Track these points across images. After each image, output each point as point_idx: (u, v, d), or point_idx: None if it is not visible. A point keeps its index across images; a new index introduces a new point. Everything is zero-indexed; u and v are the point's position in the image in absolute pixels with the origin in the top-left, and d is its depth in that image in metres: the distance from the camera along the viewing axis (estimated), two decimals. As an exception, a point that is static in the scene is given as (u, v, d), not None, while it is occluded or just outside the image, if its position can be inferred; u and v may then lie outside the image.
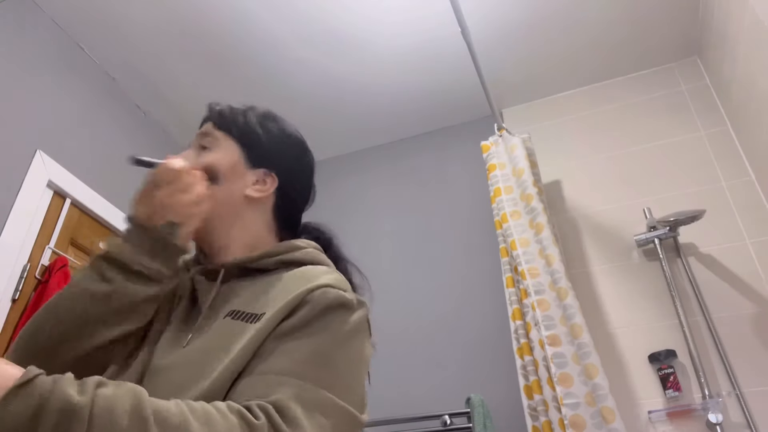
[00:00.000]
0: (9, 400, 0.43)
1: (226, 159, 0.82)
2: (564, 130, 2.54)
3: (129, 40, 2.27)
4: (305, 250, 0.79)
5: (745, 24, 1.88)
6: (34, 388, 0.44)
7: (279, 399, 0.56)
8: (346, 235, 3.03)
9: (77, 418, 0.44)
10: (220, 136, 0.84)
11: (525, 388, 1.83)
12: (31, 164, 1.88)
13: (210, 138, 0.84)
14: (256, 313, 0.67)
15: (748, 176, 2.15)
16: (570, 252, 2.23)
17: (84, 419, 0.44)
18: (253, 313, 0.68)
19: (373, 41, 2.34)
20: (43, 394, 0.44)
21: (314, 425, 0.57)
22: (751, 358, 1.84)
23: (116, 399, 0.47)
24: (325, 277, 0.70)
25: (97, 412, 0.45)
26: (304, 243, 0.81)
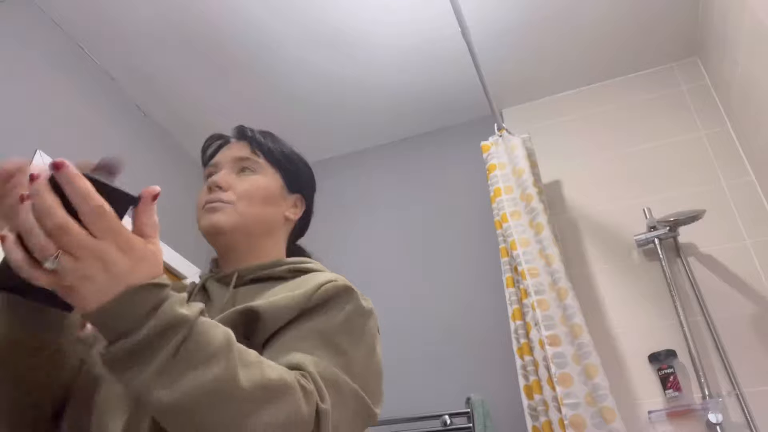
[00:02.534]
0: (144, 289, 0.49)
1: (274, 184, 0.92)
2: (564, 130, 2.54)
3: (129, 40, 2.26)
4: (312, 263, 0.87)
5: (745, 24, 1.88)
6: (162, 292, 0.50)
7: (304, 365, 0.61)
8: (347, 234, 3.05)
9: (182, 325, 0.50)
10: (261, 162, 0.92)
11: (525, 388, 1.83)
12: (31, 164, 1.88)
13: (252, 162, 0.91)
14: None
15: (748, 176, 2.15)
16: (570, 252, 2.23)
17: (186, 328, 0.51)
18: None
19: (373, 41, 2.33)
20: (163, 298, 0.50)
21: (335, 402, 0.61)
22: (751, 358, 1.84)
23: (213, 326, 0.54)
24: (331, 275, 0.77)
25: (197, 327, 0.52)
26: (308, 259, 0.90)
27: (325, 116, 2.71)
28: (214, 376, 0.50)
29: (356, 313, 0.74)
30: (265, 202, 0.89)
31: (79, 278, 0.47)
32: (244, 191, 0.87)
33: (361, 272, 2.53)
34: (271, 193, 0.90)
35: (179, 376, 0.49)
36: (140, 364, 0.49)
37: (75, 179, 0.46)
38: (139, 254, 0.50)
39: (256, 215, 0.86)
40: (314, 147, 2.90)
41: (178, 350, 0.50)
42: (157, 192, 0.53)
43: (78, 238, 0.46)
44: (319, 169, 1.05)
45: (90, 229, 0.47)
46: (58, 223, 0.45)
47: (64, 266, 0.46)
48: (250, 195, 0.87)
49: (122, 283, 0.48)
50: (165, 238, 2.37)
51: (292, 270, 0.83)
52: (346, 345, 0.69)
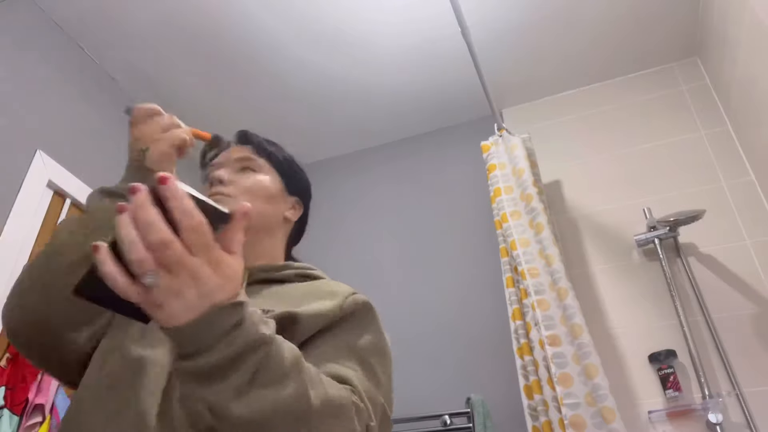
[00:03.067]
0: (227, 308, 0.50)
1: (275, 183, 0.94)
2: (564, 130, 2.54)
3: (129, 40, 2.26)
4: (317, 270, 0.91)
5: (745, 24, 1.88)
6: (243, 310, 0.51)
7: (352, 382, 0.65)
8: (347, 234, 3.05)
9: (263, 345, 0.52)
10: (263, 163, 0.95)
11: (525, 388, 1.83)
12: (31, 164, 1.88)
13: (253, 162, 0.94)
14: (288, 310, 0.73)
15: (748, 176, 2.14)
16: (570, 252, 2.23)
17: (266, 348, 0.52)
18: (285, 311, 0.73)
19: (373, 41, 2.33)
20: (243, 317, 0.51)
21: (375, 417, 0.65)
22: (751, 358, 1.84)
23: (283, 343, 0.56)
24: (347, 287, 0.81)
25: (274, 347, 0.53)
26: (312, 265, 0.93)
27: (325, 116, 2.71)
28: (289, 395, 0.52)
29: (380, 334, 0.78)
30: (267, 199, 0.91)
31: (171, 295, 0.46)
32: (247, 187, 0.89)
33: (361, 272, 2.54)
34: (272, 192, 0.92)
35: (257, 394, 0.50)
36: (219, 380, 0.49)
37: (179, 195, 0.46)
38: (226, 272, 0.50)
39: (257, 211, 0.87)
40: (314, 147, 2.90)
41: (258, 369, 0.51)
42: (248, 209, 0.52)
43: (178, 254, 0.46)
44: (319, 170, 1.07)
45: (188, 245, 0.46)
46: (162, 238, 0.45)
47: (161, 282, 0.46)
48: (253, 191, 0.89)
49: (208, 300, 0.48)
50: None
51: (299, 275, 0.85)
52: (374, 363, 0.72)
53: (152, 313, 0.48)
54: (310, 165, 2.96)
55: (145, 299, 0.47)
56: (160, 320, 0.48)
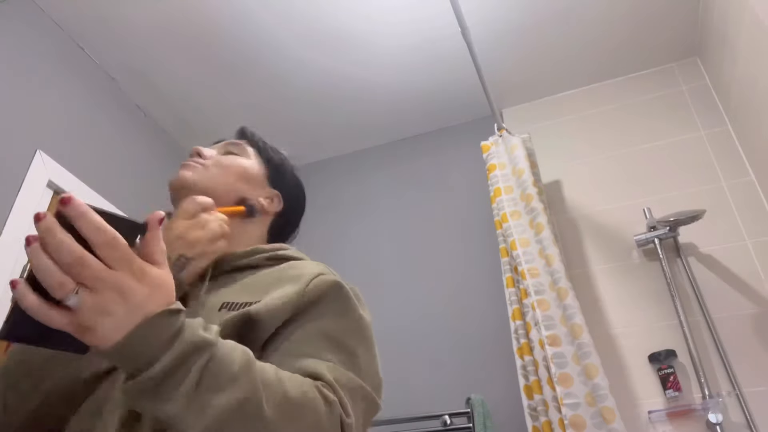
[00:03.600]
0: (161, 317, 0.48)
1: (255, 167, 0.93)
2: (564, 130, 2.54)
3: (129, 40, 2.26)
4: (290, 250, 0.87)
5: (745, 24, 1.88)
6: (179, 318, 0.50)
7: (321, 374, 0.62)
8: (346, 234, 3.04)
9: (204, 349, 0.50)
10: (249, 150, 0.96)
11: (525, 388, 1.83)
12: (31, 164, 1.88)
13: (239, 147, 0.95)
14: (251, 302, 0.70)
15: (748, 176, 2.14)
16: (570, 252, 2.23)
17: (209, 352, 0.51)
18: (248, 302, 0.70)
19: (373, 41, 2.33)
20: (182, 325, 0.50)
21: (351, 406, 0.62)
22: (751, 358, 1.84)
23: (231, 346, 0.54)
24: (316, 267, 0.77)
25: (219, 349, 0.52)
26: (287, 245, 0.91)
27: (325, 116, 2.71)
28: (238, 398, 0.51)
29: (357, 312, 0.75)
30: (239, 177, 0.90)
31: (99, 313, 0.45)
32: (221, 160, 0.90)
33: (361, 272, 2.54)
34: (247, 173, 0.91)
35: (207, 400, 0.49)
36: (167, 392, 0.48)
37: (86, 213, 0.45)
38: (154, 281, 0.49)
39: (226, 184, 0.87)
40: (314, 147, 2.90)
41: (203, 374, 0.50)
42: (162, 217, 0.51)
43: (96, 270, 0.45)
44: (319, 170, 1.07)
45: (105, 261, 0.46)
46: (76, 257, 0.44)
47: (84, 301, 0.45)
48: (226, 165, 0.89)
49: (140, 313, 0.47)
50: (165, 238, 2.37)
51: (269, 258, 0.82)
52: (353, 345, 0.70)
53: (85, 338, 0.46)
54: (310, 165, 2.96)
55: (74, 325, 0.45)
56: (95, 343, 0.47)
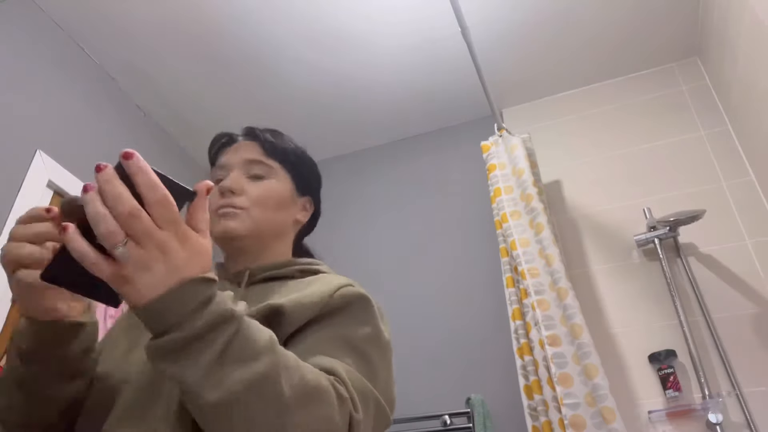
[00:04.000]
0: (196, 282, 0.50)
1: (286, 188, 0.92)
2: (564, 130, 2.54)
3: (129, 40, 2.26)
4: (321, 266, 0.89)
5: (745, 24, 1.88)
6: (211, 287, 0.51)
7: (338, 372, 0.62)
8: (346, 235, 3.04)
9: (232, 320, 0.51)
10: (273, 165, 0.91)
11: (525, 388, 1.83)
12: (31, 164, 1.88)
13: (263, 166, 0.90)
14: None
15: (748, 176, 2.14)
16: (570, 252, 2.23)
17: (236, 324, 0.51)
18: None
19: (373, 41, 2.33)
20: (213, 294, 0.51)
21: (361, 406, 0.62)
22: (751, 358, 1.84)
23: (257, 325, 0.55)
24: (346, 279, 0.79)
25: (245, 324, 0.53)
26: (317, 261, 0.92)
27: (325, 116, 2.71)
28: (259, 373, 0.51)
29: (380, 327, 0.76)
30: (278, 207, 0.89)
31: (140, 268, 0.47)
32: (258, 197, 0.86)
33: (361, 272, 2.53)
34: (283, 199, 0.90)
35: (227, 371, 0.49)
36: (190, 356, 0.49)
37: (145, 169, 0.47)
38: (194, 247, 0.50)
39: (268, 220, 0.87)
40: (314, 147, 2.88)
41: (228, 345, 0.50)
42: (210, 186, 0.53)
43: (147, 225, 0.46)
44: (319, 169, 1.05)
45: (154, 218, 0.47)
46: (130, 209, 0.46)
47: (130, 254, 0.46)
48: (264, 201, 0.87)
49: (177, 275, 0.49)
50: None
51: (301, 270, 0.84)
52: (370, 354, 0.70)
53: (121, 290, 0.48)
54: (310, 165, 2.96)
55: (115, 275, 0.47)
56: (129, 297, 0.48)
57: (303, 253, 0.99)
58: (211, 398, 0.49)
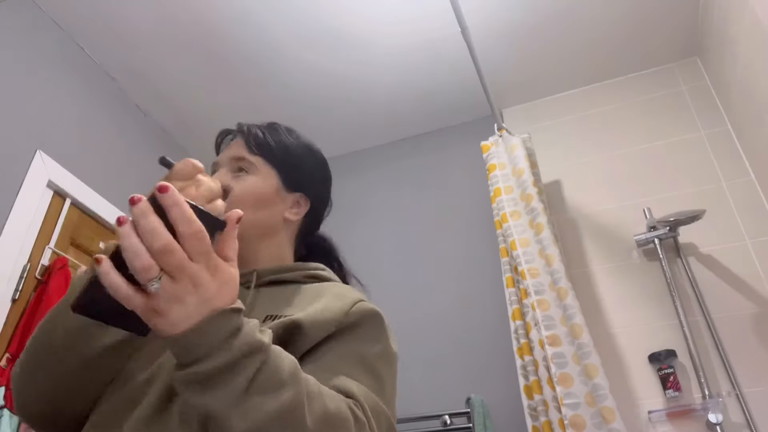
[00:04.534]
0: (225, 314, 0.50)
1: (268, 185, 0.86)
2: (564, 130, 2.54)
3: (129, 40, 2.27)
4: (327, 272, 0.87)
5: (745, 24, 1.88)
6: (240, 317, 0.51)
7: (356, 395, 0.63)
8: (347, 235, 3.03)
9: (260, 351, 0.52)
10: (257, 162, 0.87)
11: (525, 388, 1.83)
12: (31, 164, 1.88)
13: (246, 162, 0.86)
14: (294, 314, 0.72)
15: (748, 176, 2.15)
16: (570, 252, 2.23)
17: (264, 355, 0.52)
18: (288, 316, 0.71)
19: (373, 41, 2.34)
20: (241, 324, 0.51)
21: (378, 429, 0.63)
22: (751, 358, 1.84)
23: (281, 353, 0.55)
24: (357, 293, 0.78)
25: (272, 355, 0.53)
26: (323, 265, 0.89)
27: (325, 116, 2.71)
28: (285, 404, 0.52)
29: (390, 343, 0.76)
30: (258, 205, 0.85)
31: (174, 300, 0.47)
32: (235, 197, 0.83)
33: (361, 272, 2.53)
34: (264, 196, 0.86)
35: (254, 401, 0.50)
36: (218, 387, 0.49)
37: (180, 203, 0.47)
38: (224, 278, 0.51)
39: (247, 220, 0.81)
40: (314, 147, 2.90)
41: (256, 375, 0.51)
42: (240, 215, 0.53)
43: (180, 260, 0.47)
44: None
45: (187, 251, 0.48)
46: (165, 244, 0.46)
47: (164, 287, 0.47)
48: (241, 200, 0.83)
49: (208, 306, 0.49)
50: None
51: (308, 276, 0.84)
52: (383, 373, 0.71)
53: (153, 322, 0.48)
54: (310, 165, 2.96)
55: (147, 308, 0.47)
56: (161, 329, 0.48)
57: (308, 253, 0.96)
58: (238, 428, 0.49)
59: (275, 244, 0.87)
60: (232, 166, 0.87)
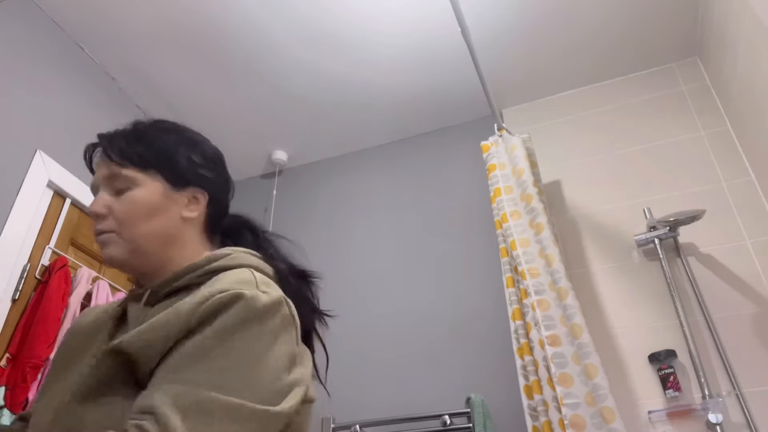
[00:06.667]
0: None
1: (151, 193, 0.80)
2: (564, 130, 2.54)
3: (129, 40, 2.27)
4: (229, 256, 0.78)
5: (745, 24, 1.88)
6: None
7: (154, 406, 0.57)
8: (346, 235, 3.04)
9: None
10: (131, 174, 0.80)
11: (525, 388, 1.83)
12: (31, 164, 1.88)
13: (122, 179, 0.80)
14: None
15: (748, 176, 2.14)
16: (570, 252, 2.23)
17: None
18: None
19: (373, 41, 2.34)
20: None
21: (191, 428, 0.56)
22: (751, 358, 1.84)
23: None
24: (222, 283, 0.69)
25: None
26: (229, 250, 0.80)
27: (325, 116, 2.71)
28: None
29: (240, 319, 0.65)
30: (149, 215, 0.79)
31: None
32: (123, 215, 0.78)
33: (361, 273, 2.54)
34: (153, 204, 0.79)
35: None
36: None
37: None
38: None
39: (144, 234, 0.78)
40: (314, 147, 2.90)
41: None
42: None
43: None
44: (319, 170, 1.02)
45: None
46: None
47: None
48: (130, 217, 0.78)
49: None
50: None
51: (206, 273, 0.76)
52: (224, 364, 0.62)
53: None
54: (310, 165, 2.96)
55: None
56: None
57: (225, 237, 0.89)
58: None
59: (182, 248, 0.81)
60: (110, 185, 0.81)
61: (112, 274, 2.11)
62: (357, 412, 2.14)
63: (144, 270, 0.80)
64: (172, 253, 0.80)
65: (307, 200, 2.86)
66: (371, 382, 2.24)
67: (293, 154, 2.90)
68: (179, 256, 0.81)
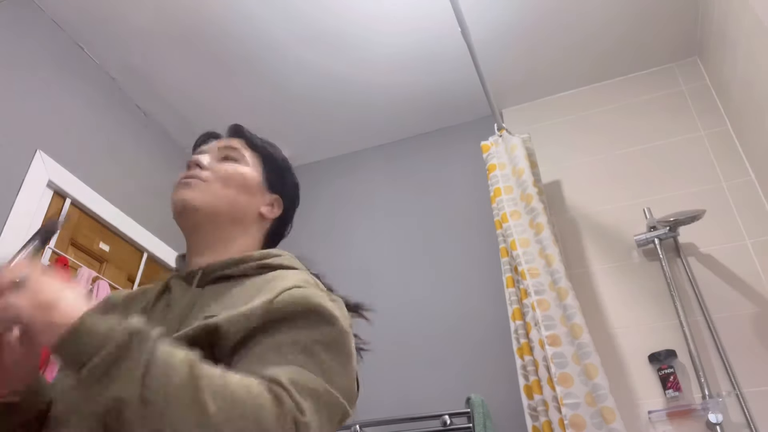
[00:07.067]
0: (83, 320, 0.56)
1: (254, 174, 0.90)
2: (564, 130, 2.54)
3: (129, 40, 2.27)
4: (282, 257, 0.84)
5: (745, 24, 1.88)
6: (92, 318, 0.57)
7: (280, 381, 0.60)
8: (346, 235, 3.04)
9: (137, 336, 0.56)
10: (247, 155, 0.91)
11: (525, 388, 1.83)
12: (31, 164, 1.88)
13: (236, 151, 0.91)
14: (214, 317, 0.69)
15: (748, 176, 2.14)
16: (570, 252, 2.23)
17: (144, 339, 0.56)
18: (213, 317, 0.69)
19: (373, 41, 2.34)
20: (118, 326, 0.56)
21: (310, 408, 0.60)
22: (751, 358, 1.84)
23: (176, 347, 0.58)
24: (296, 279, 0.74)
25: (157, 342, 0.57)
26: (280, 251, 0.87)
27: (325, 116, 2.71)
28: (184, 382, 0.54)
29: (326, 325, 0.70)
30: (241, 188, 0.87)
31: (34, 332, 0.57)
32: (222, 173, 0.86)
33: (362, 272, 2.54)
34: (248, 182, 0.89)
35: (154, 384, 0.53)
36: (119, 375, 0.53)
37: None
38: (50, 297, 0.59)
39: (228, 198, 0.85)
40: (314, 147, 2.90)
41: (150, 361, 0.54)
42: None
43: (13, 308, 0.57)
44: (319, 170, 1.05)
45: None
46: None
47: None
48: (227, 178, 0.86)
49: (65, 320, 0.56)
50: (165, 237, 2.37)
51: (259, 266, 0.80)
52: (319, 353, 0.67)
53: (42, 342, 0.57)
54: (310, 165, 2.96)
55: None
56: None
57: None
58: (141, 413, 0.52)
59: (245, 235, 0.88)
60: (220, 154, 0.90)
61: (112, 274, 2.11)
62: (357, 411, 2.13)
63: (201, 230, 0.84)
64: (234, 234, 0.86)
65: (307, 200, 2.86)
66: (371, 382, 2.23)
67: (293, 154, 2.89)
68: (238, 242, 0.86)
